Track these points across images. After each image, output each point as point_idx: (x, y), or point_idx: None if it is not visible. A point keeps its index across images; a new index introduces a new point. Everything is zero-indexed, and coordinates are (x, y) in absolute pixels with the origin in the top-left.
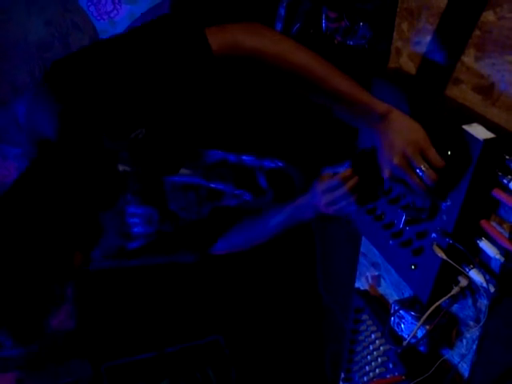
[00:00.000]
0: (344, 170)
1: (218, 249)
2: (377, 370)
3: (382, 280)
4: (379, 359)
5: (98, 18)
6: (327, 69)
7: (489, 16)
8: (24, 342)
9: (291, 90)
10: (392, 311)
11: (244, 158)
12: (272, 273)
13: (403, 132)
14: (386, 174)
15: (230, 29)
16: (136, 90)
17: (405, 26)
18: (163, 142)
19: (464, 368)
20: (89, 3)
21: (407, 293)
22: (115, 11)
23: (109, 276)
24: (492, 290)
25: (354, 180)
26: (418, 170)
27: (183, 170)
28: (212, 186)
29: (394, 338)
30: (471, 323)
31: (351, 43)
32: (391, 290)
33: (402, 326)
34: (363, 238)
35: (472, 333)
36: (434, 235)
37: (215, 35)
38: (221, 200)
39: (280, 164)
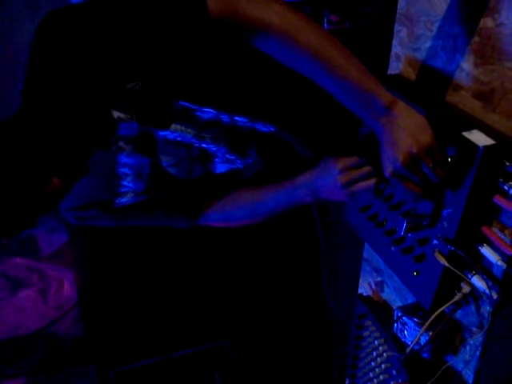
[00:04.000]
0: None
1: (213, 219)
2: (381, 377)
3: (385, 286)
4: (383, 366)
5: None
6: (337, 51)
7: (488, 22)
8: None
9: (292, 71)
10: (395, 318)
11: (237, 118)
12: (278, 278)
13: (409, 129)
14: (389, 171)
15: None
16: (132, 40)
17: (404, 32)
18: (158, 95)
19: (468, 374)
20: None
21: (410, 299)
22: None
23: (114, 276)
24: (494, 296)
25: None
26: (424, 169)
27: (175, 126)
28: (204, 146)
29: (397, 344)
30: (474, 329)
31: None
32: (394, 296)
33: (405, 332)
34: (366, 244)
35: (475, 339)
36: (435, 242)
37: None
38: (212, 162)
39: (272, 129)
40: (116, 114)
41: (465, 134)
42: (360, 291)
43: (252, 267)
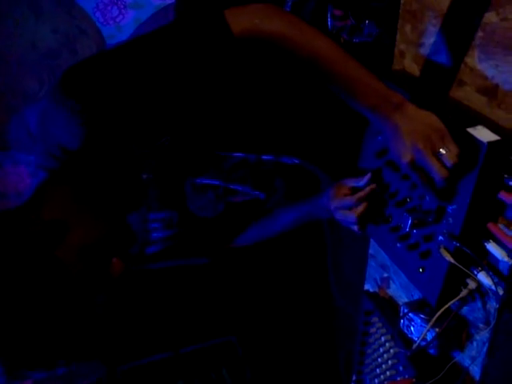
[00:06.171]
0: (362, 190)
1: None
2: (387, 373)
3: (391, 282)
4: (389, 362)
5: (104, 23)
6: (345, 55)
7: (491, 17)
8: (76, 359)
9: (309, 77)
10: (401, 314)
11: (263, 157)
12: (285, 274)
13: (425, 120)
14: (408, 158)
15: (248, 11)
16: (159, 94)
17: (408, 28)
18: (188, 147)
19: (475, 370)
20: (95, 9)
21: (416, 295)
22: (121, 16)
23: (122, 272)
24: (501, 292)
25: (363, 206)
26: (439, 154)
27: (205, 175)
28: (231, 187)
29: (403, 340)
30: (481, 325)
31: (357, 40)
32: (401, 292)
33: (412, 328)
34: (371, 240)
35: (482, 335)
36: (441, 238)
37: (234, 18)
38: (236, 196)
39: (296, 161)
40: (145, 175)
41: (469, 129)
42: (366, 287)
43: (258, 263)
